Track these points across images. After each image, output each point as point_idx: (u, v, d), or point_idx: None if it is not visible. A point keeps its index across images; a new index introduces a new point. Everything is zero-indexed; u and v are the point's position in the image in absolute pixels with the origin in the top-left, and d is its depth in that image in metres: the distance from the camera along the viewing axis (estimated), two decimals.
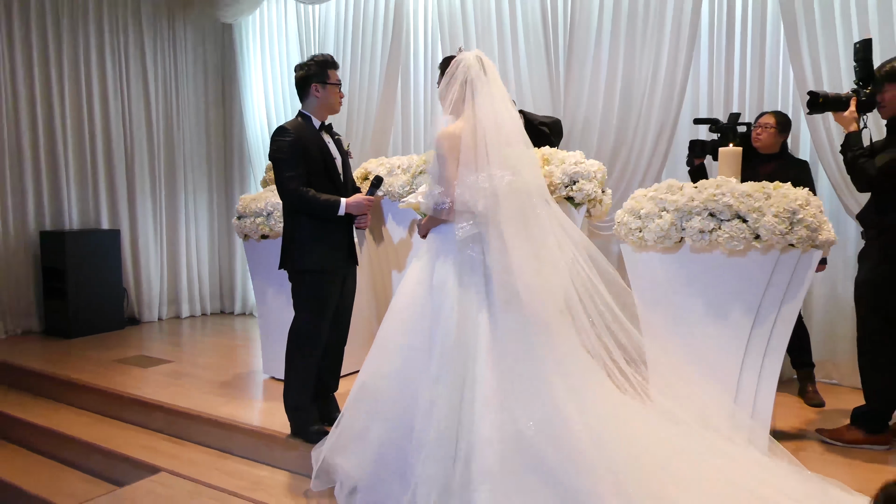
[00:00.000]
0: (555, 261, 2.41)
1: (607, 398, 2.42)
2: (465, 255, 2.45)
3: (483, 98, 2.48)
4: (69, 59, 5.73)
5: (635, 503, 2.15)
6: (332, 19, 5.64)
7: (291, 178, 2.86)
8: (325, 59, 3.04)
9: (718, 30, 4.18)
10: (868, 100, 2.93)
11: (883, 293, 2.89)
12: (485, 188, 2.39)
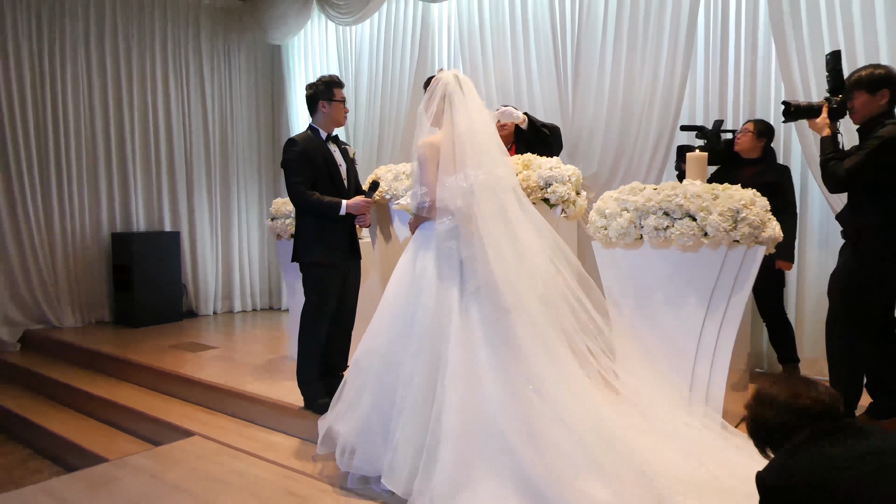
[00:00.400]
0: (525, 252, 2.73)
1: (569, 379, 2.68)
2: (444, 248, 2.80)
3: (459, 111, 2.85)
4: (138, 79, 6.46)
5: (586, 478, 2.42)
6: (366, 38, 6.15)
7: (298, 182, 3.33)
8: (331, 79, 3.50)
9: (714, 42, 4.39)
10: (839, 107, 3.09)
11: (851, 290, 3.02)
12: (462, 186, 2.74)
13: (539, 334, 2.68)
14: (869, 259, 2.95)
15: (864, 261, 2.96)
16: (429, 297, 2.77)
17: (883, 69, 2.96)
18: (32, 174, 5.95)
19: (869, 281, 2.96)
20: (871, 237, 2.93)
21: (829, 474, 1.48)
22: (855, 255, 3.00)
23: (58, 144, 6.05)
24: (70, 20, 6.07)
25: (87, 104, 6.21)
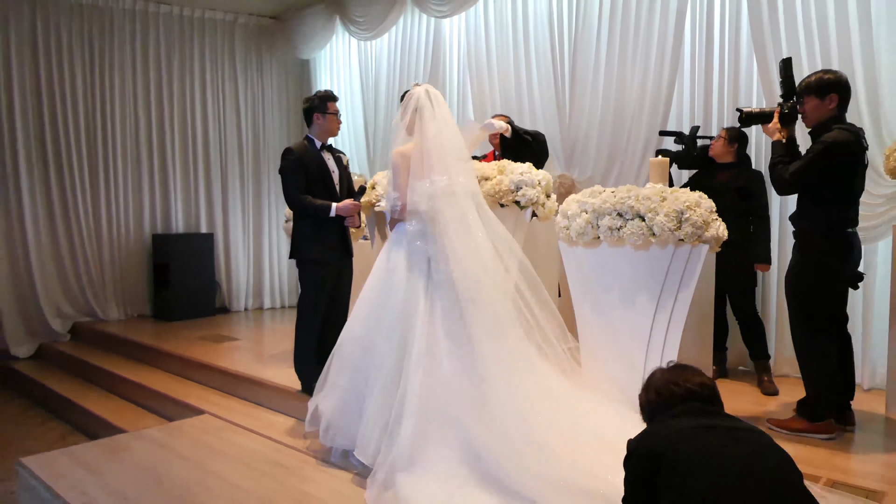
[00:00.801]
0: (480, 252, 3.01)
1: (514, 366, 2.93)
2: (413, 246, 3.11)
3: (428, 122, 3.14)
4: (178, 92, 7.02)
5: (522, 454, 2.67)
6: (384, 51, 6.54)
7: (293, 188, 3.70)
8: (325, 94, 3.87)
9: (699, 53, 4.54)
10: (790, 112, 3.24)
11: (802, 289, 3.15)
12: (427, 190, 3.05)
13: (492, 325, 2.95)
14: (814, 261, 3.08)
15: (809, 263, 3.10)
16: (398, 290, 3.08)
17: (832, 74, 3.08)
18: (84, 181, 6.56)
19: (816, 282, 3.09)
20: (815, 239, 3.08)
21: (665, 444, 1.71)
22: (802, 257, 3.14)
23: (106, 153, 6.65)
24: (118, 39, 6.67)
25: (133, 116, 6.80)
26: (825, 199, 3.04)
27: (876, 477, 2.71)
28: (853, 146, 2.95)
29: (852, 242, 3.08)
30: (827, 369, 3.11)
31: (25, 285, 6.37)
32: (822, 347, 3.11)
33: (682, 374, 1.93)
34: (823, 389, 3.12)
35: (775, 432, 3.22)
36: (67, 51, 6.43)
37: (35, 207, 6.36)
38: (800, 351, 3.18)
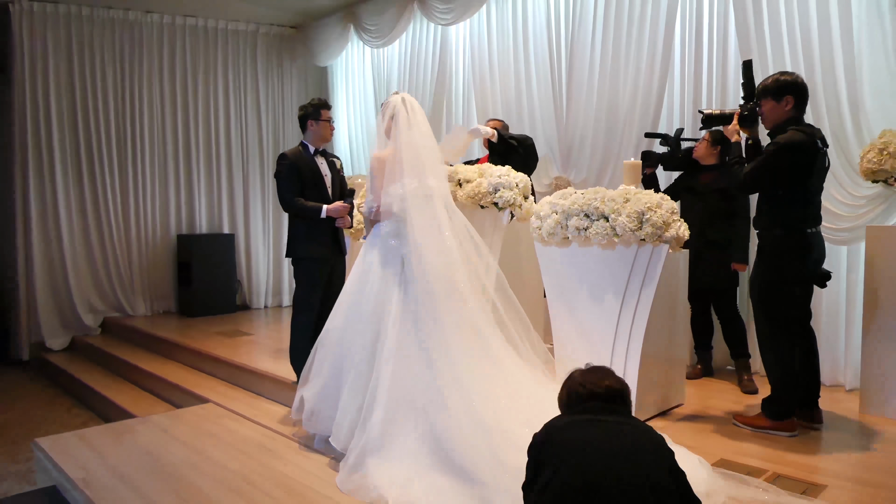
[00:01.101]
0: (446, 250, 3.18)
1: (477, 357, 3.08)
2: (388, 245, 3.30)
3: (402, 129, 3.33)
4: (202, 97, 7.39)
5: (479, 440, 2.82)
6: (395, 58, 6.78)
7: (287, 190, 3.93)
8: (319, 102, 4.10)
9: (688, 58, 4.63)
10: (750, 114, 3.28)
11: (763, 290, 3.20)
12: (399, 193, 3.24)
13: (459, 321, 3.10)
14: (773, 262, 3.14)
15: (769, 264, 3.16)
16: (373, 287, 3.27)
17: (789, 76, 3.14)
18: (114, 185, 6.97)
19: (776, 283, 3.14)
20: (773, 240, 3.14)
21: (554, 432, 1.87)
22: (761, 259, 3.20)
23: (135, 158, 7.05)
24: (147, 50, 7.06)
25: (160, 123, 7.19)
26: (781, 200, 3.11)
27: (824, 472, 2.78)
28: (806, 147, 3.01)
29: (811, 242, 3.13)
30: (789, 369, 3.18)
31: (60, 282, 6.80)
32: (785, 347, 3.17)
33: (591, 377, 2.03)
34: (786, 388, 3.19)
35: (740, 429, 3.30)
36: (100, 62, 6.85)
37: (69, 209, 6.78)
38: (763, 350, 3.25)
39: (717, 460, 2.89)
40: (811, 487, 2.60)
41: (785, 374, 3.17)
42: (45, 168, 6.65)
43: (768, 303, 3.18)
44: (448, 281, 3.11)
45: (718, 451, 3.00)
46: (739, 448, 3.06)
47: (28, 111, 6.55)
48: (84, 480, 3.05)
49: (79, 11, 6.74)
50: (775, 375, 3.20)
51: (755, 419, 3.28)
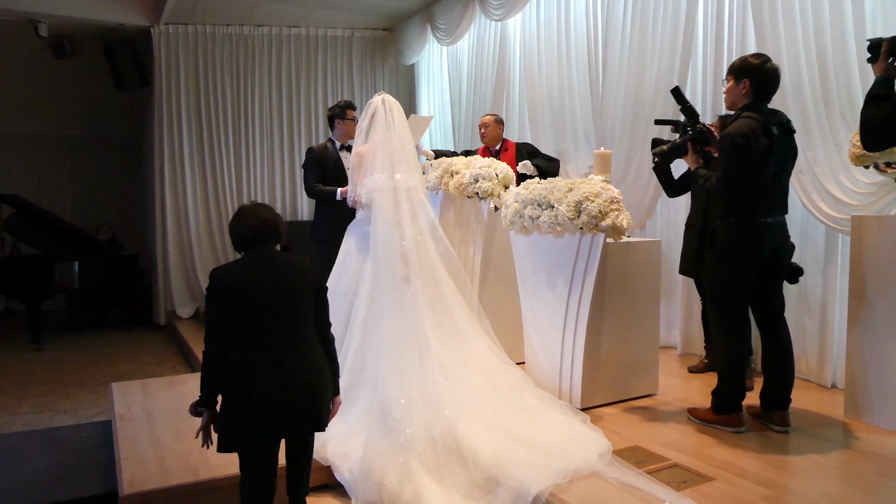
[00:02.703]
0: (405, 236, 3.51)
1: (434, 332, 3.38)
2: (362, 231, 3.72)
3: (379, 127, 3.69)
4: (304, 97, 8.28)
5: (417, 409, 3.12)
6: (464, 54, 7.09)
7: (309, 178, 4.49)
8: (345, 103, 4.58)
9: (709, 50, 4.52)
10: (699, 136, 3.23)
11: (714, 280, 3.17)
12: (370, 185, 3.63)
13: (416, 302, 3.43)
14: (721, 253, 3.08)
15: (718, 255, 3.10)
16: (348, 268, 3.71)
17: (754, 59, 3.03)
18: (231, 176, 8.07)
19: (724, 274, 3.08)
20: (722, 231, 3.07)
21: (224, 271, 2.31)
22: (713, 250, 3.13)
23: (247, 153, 8.10)
24: (258, 59, 8.06)
25: (269, 122, 8.18)
26: (729, 191, 3.02)
27: (726, 467, 2.72)
28: (752, 134, 2.91)
29: (764, 232, 3.02)
30: (733, 362, 3.11)
31: (188, 258, 8.04)
32: (731, 340, 3.11)
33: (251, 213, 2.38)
34: (727, 382, 3.12)
35: (689, 421, 3.27)
36: (220, 71, 7.96)
37: (196, 198, 7.98)
38: (714, 342, 3.19)
39: (629, 446, 2.94)
40: (693, 478, 2.60)
41: (728, 367, 3.11)
42: (177, 165, 7.88)
43: (717, 294, 3.14)
44: (398, 264, 3.44)
45: (638, 439, 3.03)
46: (663, 437, 3.07)
47: (164, 116, 7.80)
48: (121, 416, 3.83)
49: (204, 30, 7.88)
50: (720, 368, 3.15)
51: (703, 412, 3.24)
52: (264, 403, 2.27)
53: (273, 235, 2.39)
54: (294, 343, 2.33)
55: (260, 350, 2.28)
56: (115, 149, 10.04)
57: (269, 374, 2.27)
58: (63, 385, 5.84)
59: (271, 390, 2.26)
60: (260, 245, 2.35)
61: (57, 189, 9.79)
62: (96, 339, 7.89)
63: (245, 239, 2.36)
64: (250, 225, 2.35)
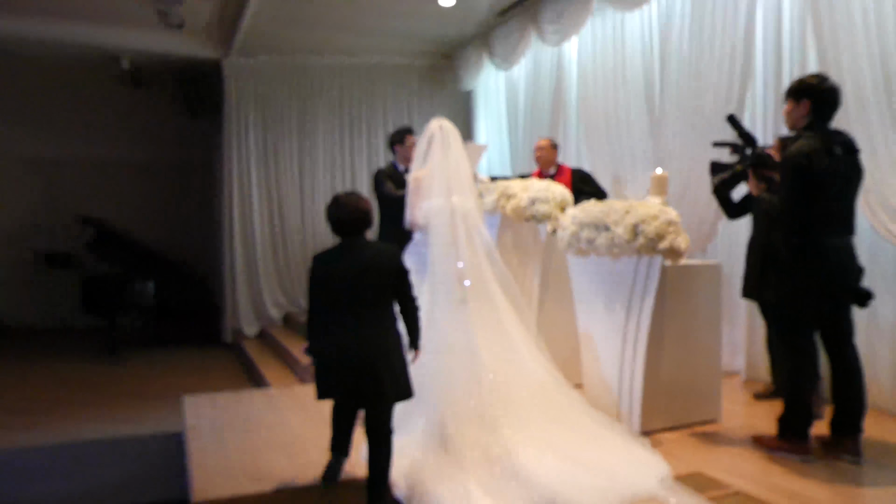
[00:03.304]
0: (460, 257, 3.58)
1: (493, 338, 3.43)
2: (419, 253, 3.81)
3: (436, 152, 3.80)
4: (366, 124, 8.54)
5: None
6: (521, 78, 7.19)
7: (382, 186, 4.72)
8: (404, 128, 4.78)
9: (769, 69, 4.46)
10: (758, 161, 3.21)
11: (776, 301, 3.13)
12: (426, 209, 3.74)
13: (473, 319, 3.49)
14: (783, 275, 3.02)
15: (781, 275, 3.04)
16: None
17: (813, 80, 3.02)
18: (294, 205, 8.39)
19: (786, 296, 3.01)
20: (784, 252, 3.01)
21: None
22: (775, 270, 3.07)
23: (311, 179, 8.41)
24: (320, 87, 8.38)
25: (330, 149, 8.47)
26: (791, 212, 2.97)
27: (794, 497, 2.64)
28: (812, 154, 2.86)
29: (830, 253, 2.93)
30: (799, 387, 3.03)
31: (254, 281, 8.35)
32: (794, 363, 3.05)
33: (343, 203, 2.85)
34: (791, 408, 3.04)
35: (755, 448, 3.19)
36: (286, 100, 8.31)
37: (262, 219, 8.31)
38: (779, 366, 3.12)
39: (690, 472, 2.90)
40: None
41: (794, 392, 3.02)
42: (245, 189, 8.23)
43: (781, 316, 3.08)
44: (454, 286, 3.51)
45: (699, 465, 2.98)
46: (726, 464, 3.01)
47: (234, 142, 8.19)
48: (192, 427, 4.01)
49: (270, 61, 8.25)
50: (785, 393, 3.07)
51: (768, 440, 3.15)
52: (335, 369, 2.78)
53: (361, 223, 2.84)
54: (366, 320, 2.74)
55: (338, 323, 2.76)
56: (189, 174, 10.55)
57: (340, 345, 2.75)
58: (136, 397, 6.14)
59: (341, 359, 2.75)
60: (352, 230, 2.82)
61: (135, 211, 10.33)
62: (167, 354, 8.25)
63: (338, 225, 2.84)
64: (338, 215, 2.83)
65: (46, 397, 6.14)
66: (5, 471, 4.23)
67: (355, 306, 2.74)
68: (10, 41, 7.72)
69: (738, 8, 4.46)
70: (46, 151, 9.77)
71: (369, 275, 2.77)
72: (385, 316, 2.80)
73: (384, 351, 2.76)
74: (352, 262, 2.78)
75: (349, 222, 2.81)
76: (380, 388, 2.75)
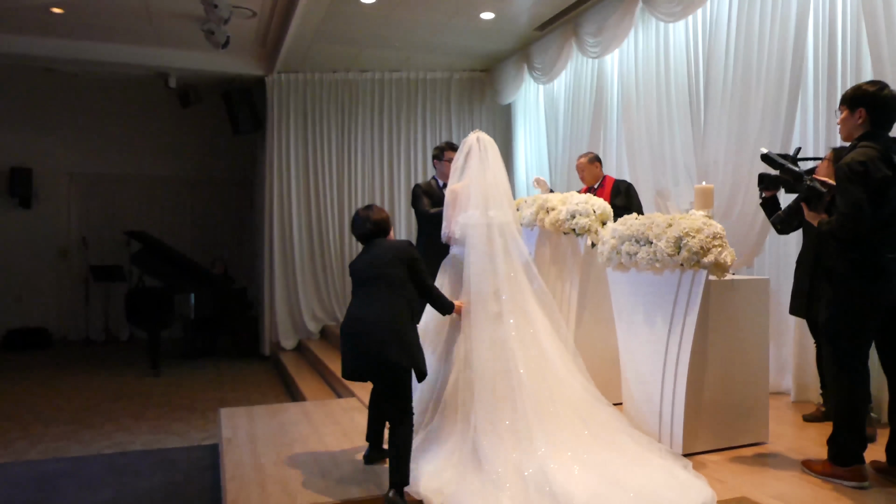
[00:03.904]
0: (500, 272, 3.52)
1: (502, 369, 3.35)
2: (457, 266, 3.76)
3: (474, 164, 3.75)
4: (405, 138, 8.60)
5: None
6: (561, 92, 7.12)
7: (420, 204, 4.68)
8: (446, 145, 4.76)
9: (821, 82, 4.31)
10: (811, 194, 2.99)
11: (831, 318, 2.92)
12: (462, 222, 3.69)
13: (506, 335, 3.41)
14: (840, 289, 2.87)
15: (836, 291, 2.89)
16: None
17: (870, 87, 2.87)
18: (333, 216, 8.45)
19: (842, 312, 2.86)
20: (841, 265, 2.87)
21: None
22: (831, 286, 2.92)
23: (350, 192, 8.47)
24: (361, 102, 8.47)
25: (370, 162, 8.54)
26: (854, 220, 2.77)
27: None
28: (869, 163, 2.73)
29: (884, 269, 2.79)
30: (849, 408, 2.86)
31: (293, 295, 8.42)
32: (846, 383, 2.87)
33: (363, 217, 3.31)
34: (842, 430, 2.87)
35: (805, 474, 3.03)
36: (326, 115, 8.43)
37: (301, 233, 8.40)
38: (830, 386, 2.96)
39: (736, 497, 2.76)
40: None
41: (845, 414, 2.86)
42: (285, 204, 8.35)
43: (834, 334, 2.91)
44: (491, 300, 3.44)
45: (745, 489, 2.84)
46: (773, 489, 2.86)
47: (275, 158, 8.32)
48: (227, 440, 4.03)
49: (313, 77, 8.39)
50: (836, 414, 2.91)
51: (819, 465, 2.99)
52: (349, 346, 3.13)
53: (381, 231, 3.29)
54: (377, 297, 3.09)
55: (355, 303, 3.20)
56: (231, 189, 10.78)
57: (353, 317, 3.14)
58: (177, 409, 6.23)
59: (352, 330, 3.12)
60: (369, 236, 3.28)
61: (178, 225, 10.60)
62: (207, 366, 8.37)
63: (359, 235, 3.33)
64: (354, 226, 3.36)
65: (89, 408, 6.28)
66: (52, 480, 4.31)
67: (369, 286, 3.14)
68: (62, 61, 8.03)
69: (789, 16, 4.33)
70: (95, 167, 10.12)
71: (382, 262, 3.16)
72: (397, 297, 3.10)
73: (391, 322, 3.02)
74: (371, 255, 3.23)
75: (364, 232, 3.29)
76: (384, 353, 2.96)
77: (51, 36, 7.42)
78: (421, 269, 3.22)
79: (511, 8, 6.38)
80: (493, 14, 6.51)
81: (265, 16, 6.83)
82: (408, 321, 3.11)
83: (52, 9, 6.59)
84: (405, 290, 3.14)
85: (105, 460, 4.70)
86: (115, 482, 4.20)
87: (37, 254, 9.86)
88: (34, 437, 5.35)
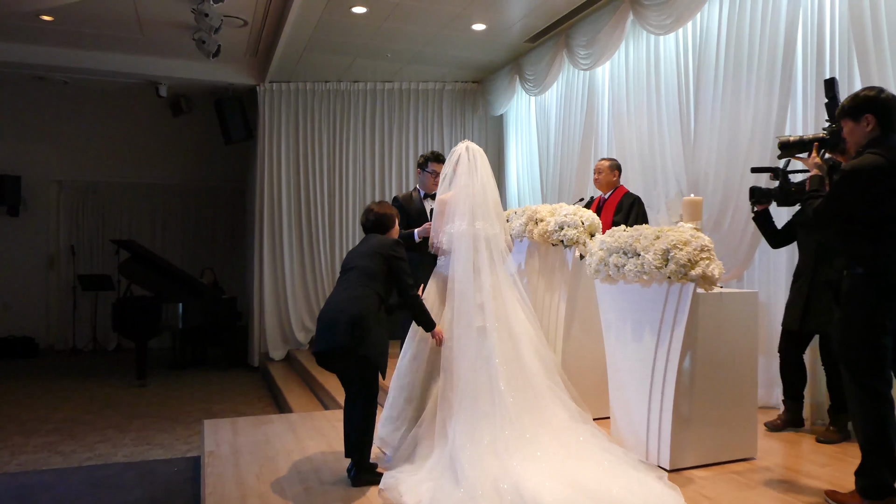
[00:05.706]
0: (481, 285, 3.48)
1: (485, 384, 3.29)
2: (442, 278, 3.72)
3: (461, 174, 3.72)
4: (396, 148, 8.57)
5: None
6: (552, 103, 7.12)
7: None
8: (431, 155, 4.71)
9: (809, 93, 4.29)
10: (831, 137, 2.93)
11: (845, 340, 2.75)
12: (449, 233, 3.66)
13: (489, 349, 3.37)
14: (848, 307, 2.73)
15: (849, 311, 2.73)
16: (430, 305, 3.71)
17: (869, 92, 2.73)
18: (324, 221, 8.41)
19: (853, 331, 2.71)
20: (848, 282, 2.74)
21: None
22: (841, 306, 2.77)
23: (341, 207, 8.43)
24: (353, 112, 8.46)
25: (361, 175, 8.52)
26: (860, 235, 2.68)
27: None
28: (878, 170, 2.59)
29: (894, 282, 2.65)
30: (876, 436, 2.66)
31: (282, 306, 8.36)
32: (870, 409, 2.67)
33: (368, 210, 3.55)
34: (870, 460, 2.68)
35: (795, 493, 2.96)
36: (318, 125, 8.40)
37: (291, 243, 8.35)
38: (851, 412, 2.81)
39: None
40: None
41: (869, 443, 2.68)
42: (276, 213, 8.30)
43: (850, 358, 2.73)
44: (475, 313, 3.40)
45: None
46: None
47: (266, 167, 8.28)
48: (210, 452, 3.95)
49: (304, 87, 8.37)
50: (862, 443, 2.73)
51: (845, 496, 2.80)
52: (317, 329, 3.31)
53: (378, 225, 3.49)
54: (350, 285, 3.25)
55: (332, 292, 3.38)
56: (222, 198, 10.73)
57: (323, 309, 3.31)
58: (161, 420, 6.14)
59: (319, 321, 3.28)
60: (372, 229, 3.50)
61: (168, 235, 10.53)
62: (195, 377, 8.28)
63: (363, 226, 3.58)
64: (364, 217, 3.56)
65: (73, 419, 6.19)
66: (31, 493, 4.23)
67: (347, 275, 3.32)
68: (52, 69, 7.99)
69: (778, 27, 4.34)
70: (85, 175, 10.06)
71: (363, 254, 3.35)
72: (366, 287, 3.23)
73: (349, 307, 3.14)
74: (359, 247, 3.45)
75: (365, 223, 3.54)
76: (332, 333, 3.11)
77: (41, 44, 7.39)
78: (401, 269, 3.33)
79: (503, 20, 6.38)
80: (484, 25, 6.51)
81: (256, 25, 6.81)
82: (371, 311, 3.19)
83: (41, 16, 6.56)
84: (377, 282, 3.27)
85: (85, 473, 4.61)
86: (93, 496, 4.12)
87: (24, 262, 9.78)
88: (15, 447, 5.25)
